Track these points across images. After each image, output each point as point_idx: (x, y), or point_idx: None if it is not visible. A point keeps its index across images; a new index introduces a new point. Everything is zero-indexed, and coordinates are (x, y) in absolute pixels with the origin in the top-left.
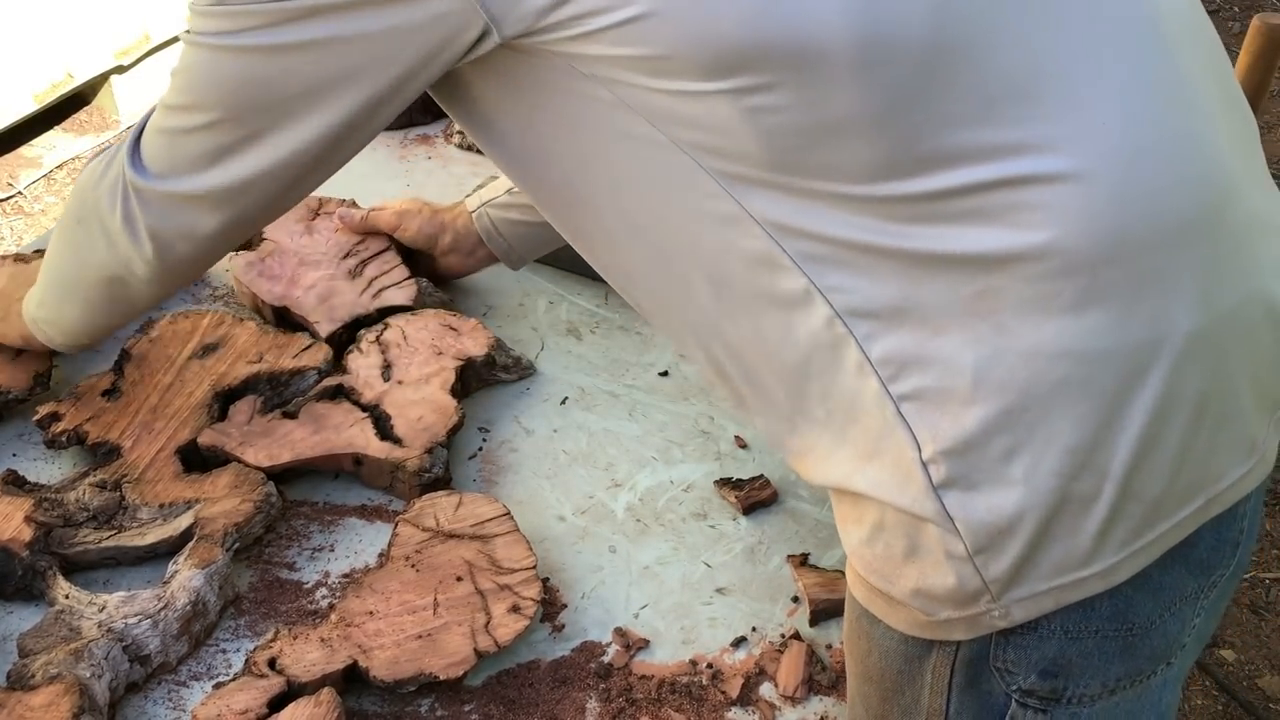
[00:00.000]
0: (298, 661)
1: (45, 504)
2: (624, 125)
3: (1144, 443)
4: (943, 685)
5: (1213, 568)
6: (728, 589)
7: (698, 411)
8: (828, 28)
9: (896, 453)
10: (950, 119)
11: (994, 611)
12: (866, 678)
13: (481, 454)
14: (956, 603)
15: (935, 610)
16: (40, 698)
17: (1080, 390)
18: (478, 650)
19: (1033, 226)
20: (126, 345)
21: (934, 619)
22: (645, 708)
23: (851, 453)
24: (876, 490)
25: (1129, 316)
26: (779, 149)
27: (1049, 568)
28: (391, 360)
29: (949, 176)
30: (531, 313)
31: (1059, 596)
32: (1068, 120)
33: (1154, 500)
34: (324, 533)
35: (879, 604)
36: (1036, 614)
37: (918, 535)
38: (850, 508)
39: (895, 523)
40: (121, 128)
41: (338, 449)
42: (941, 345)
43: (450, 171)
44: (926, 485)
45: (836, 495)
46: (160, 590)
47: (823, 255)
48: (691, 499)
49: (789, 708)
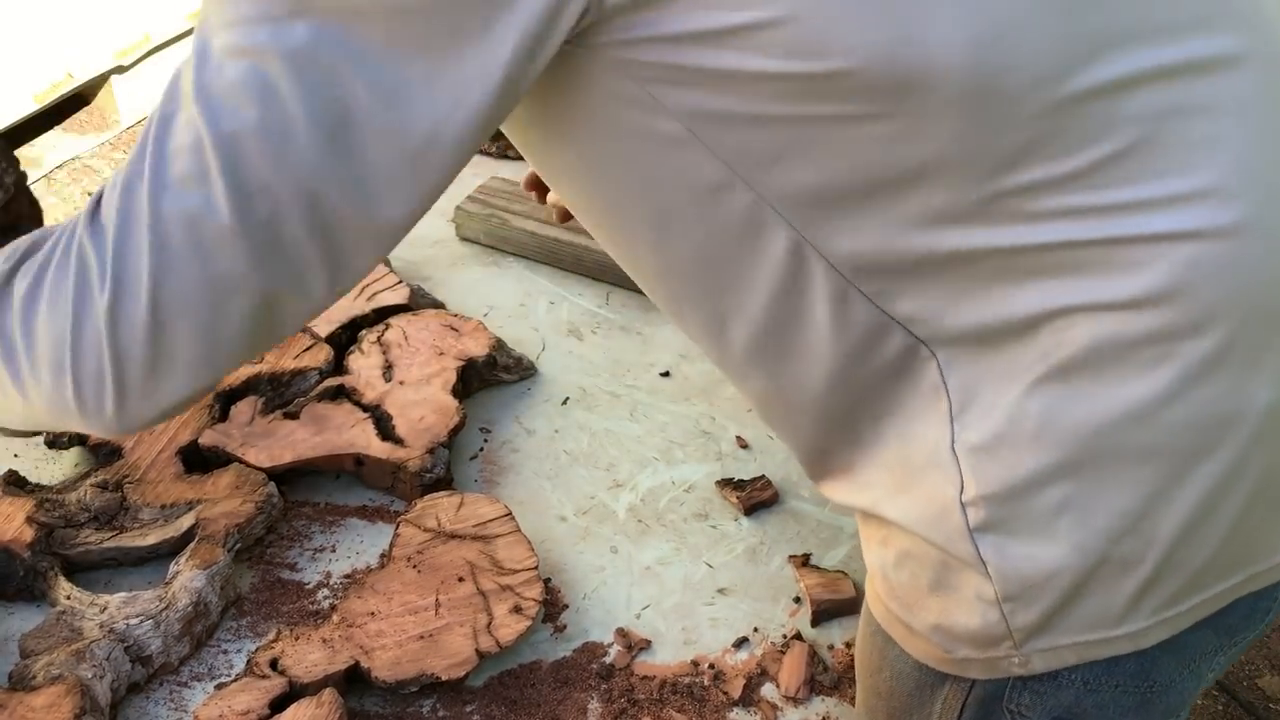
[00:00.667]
0: (299, 662)
1: (47, 505)
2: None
3: (1197, 515)
4: (954, 713)
5: (1240, 631)
6: (729, 589)
7: (699, 412)
8: (944, 61)
9: (935, 489)
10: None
11: (1014, 658)
12: (876, 692)
13: (483, 454)
14: (977, 644)
15: (954, 648)
16: (42, 698)
17: (1146, 455)
18: (479, 651)
19: (1132, 281)
20: None
21: (952, 656)
22: (647, 708)
23: (886, 479)
24: (907, 521)
25: (1213, 387)
26: (869, 179)
27: (1078, 623)
28: (393, 360)
29: (1045, 230)
30: (533, 313)
31: (1083, 652)
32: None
33: (1195, 571)
34: (325, 533)
35: (898, 629)
36: (1057, 666)
37: (946, 572)
38: (876, 529)
39: (924, 555)
40: (121, 128)
41: (339, 449)
42: (1010, 388)
43: None
44: (963, 526)
45: (863, 516)
46: (162, 591)
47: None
48: (693, 499)
49: (791, 708)
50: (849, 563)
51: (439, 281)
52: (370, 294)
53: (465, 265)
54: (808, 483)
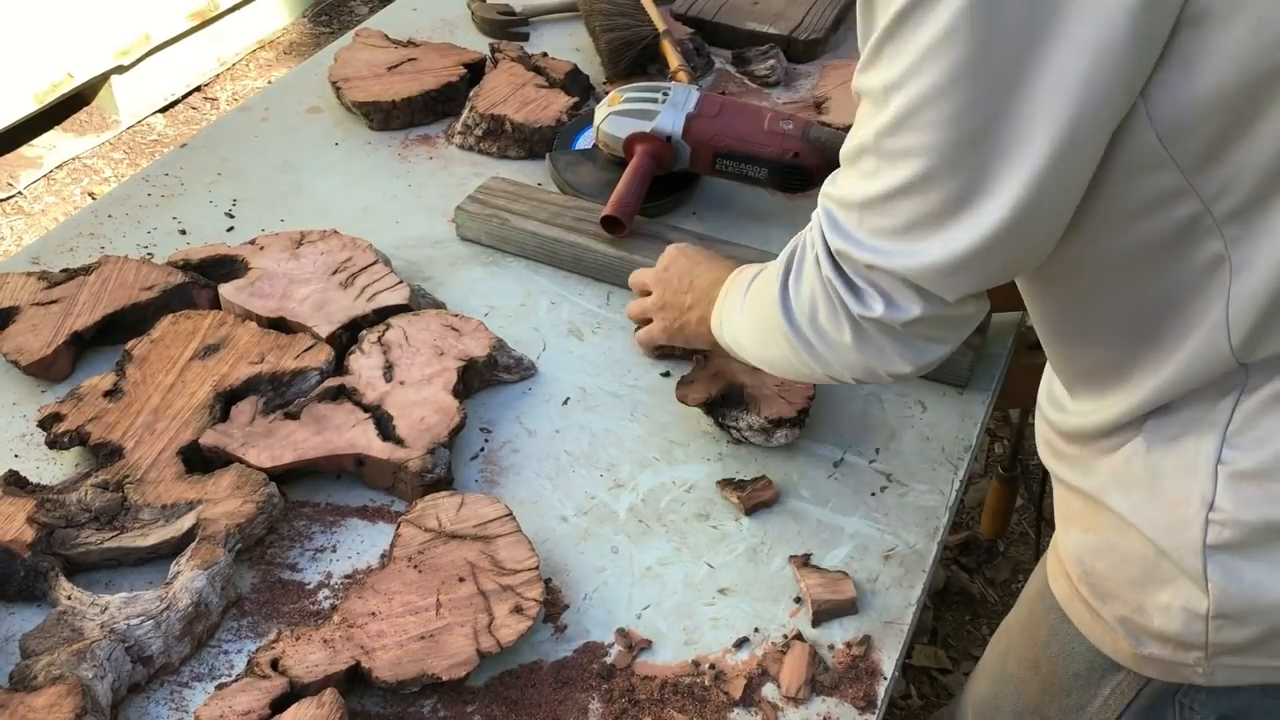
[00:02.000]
0: (300, 662)
1: (47, 505)
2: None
3: None
4: (1119, 704)
5: None
6: (730, 589)
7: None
8: None
9: (1180, 496)
10: None
11: (1200, 669)
12: (1034, 665)
13: (483, 454)
14: (1168, 647)
15: (1142, 644)
16: (43, 699)
17: None
18: (480, 651)
19: None
20: (128, 346)
21: (1137, 651)
22: (648, 708)
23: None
24: (1134, 517)
25: None
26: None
27: (1274, 650)
28: (393, 361)
29: None
30: (533, 313)
31: (1267, 675)
32: None
33: None
34: (326, 533)
35: (1079, 610)
36: (1238, 683)
37: (1160, 575)
38: (1085, 510)
39: (1138, 553)
40: (121, 128)
41: (340, 450)
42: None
43: (451, 172)
44: (1199, 540)
45: (1074, 493)
46: (162, 591)
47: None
48: (693, 499)
49: (791, 708)
50: (849, 563)
51: (439, 281)
52: (370, 294)
53: (466, 265)
54: (808, 482)
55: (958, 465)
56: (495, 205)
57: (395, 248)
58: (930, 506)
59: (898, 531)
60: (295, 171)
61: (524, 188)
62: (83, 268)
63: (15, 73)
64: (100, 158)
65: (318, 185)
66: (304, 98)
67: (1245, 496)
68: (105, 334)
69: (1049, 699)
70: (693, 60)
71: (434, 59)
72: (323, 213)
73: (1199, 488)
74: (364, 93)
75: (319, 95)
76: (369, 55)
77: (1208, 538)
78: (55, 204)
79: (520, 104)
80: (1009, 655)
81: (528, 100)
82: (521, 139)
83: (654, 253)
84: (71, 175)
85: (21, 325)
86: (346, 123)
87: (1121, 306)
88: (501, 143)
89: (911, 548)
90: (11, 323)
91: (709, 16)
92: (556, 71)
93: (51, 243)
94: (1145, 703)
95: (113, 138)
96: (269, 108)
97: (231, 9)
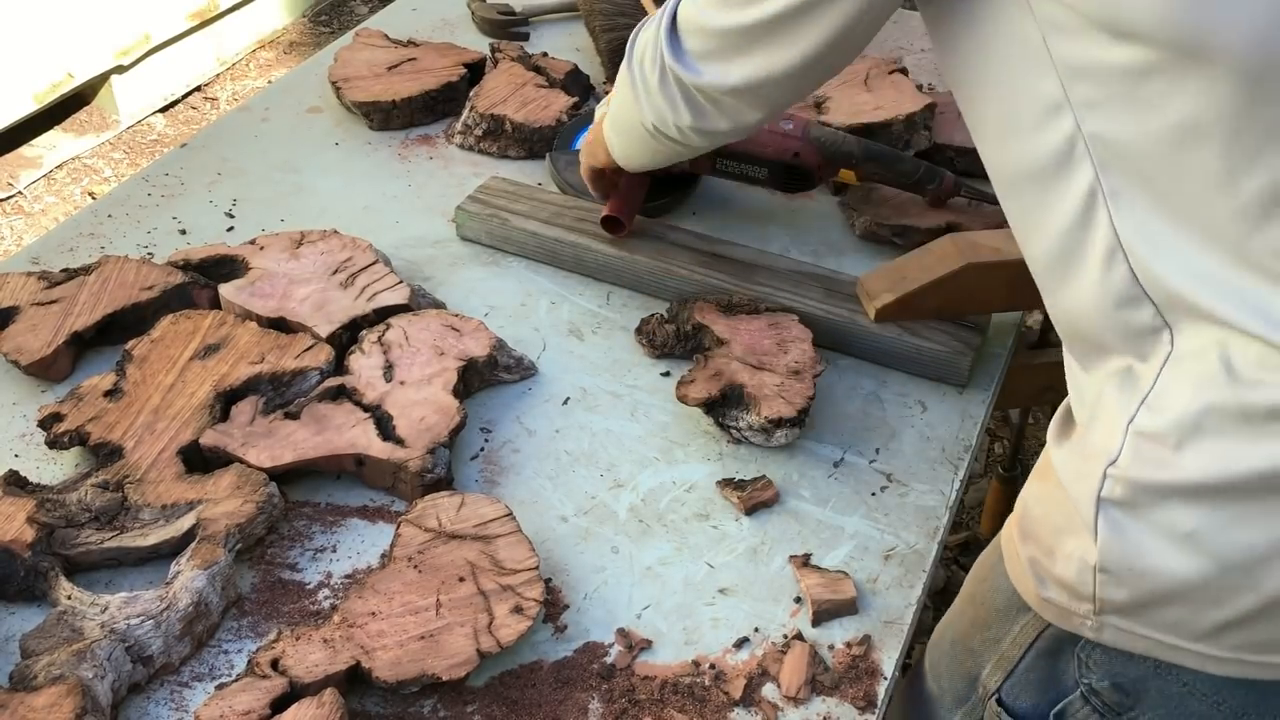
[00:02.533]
0: (300, 662)
1: (47, 505)
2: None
3: None
4: (1025, 642)
5: None
6: (730, 589)
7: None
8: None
9: (1096, 450)
10: None
11: (1089, 623)
12: (972, 598)
13: (483, 454)
14: (1065, 594)
15: (1044, 586)
16: (43, 699)
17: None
18: (480, 651)
19: None
20: (128, 346)
21: (1040, 593)
22: (648, 708)
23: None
24: (1058, 465)
25: None
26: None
27: (1159, 623)
28: (393, 361)
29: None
30: (533, 313)
31: (1153, 649)
32: None
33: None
34: (326, 533)
35: (1009, 548)
36: (1125, 648)
37: (1072, 524)
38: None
39: (1060, 502)
40: (121, 128)
41: (340, 450)
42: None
43: (452, 172)
44: (1094, 492)
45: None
46: (162, 591)
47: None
48: (694, 499)
49: (791, 708)
50: (849, 563)
51: (439, 281)
52: (370, 294)
53: (466, 265)
54: (808, 482)
55: (958, 465)
56: (495, 205)
57: (395, 248)
58: (930, 506)
59: (898, 531)
60: (295, 171)
61: (524, 188)
62: (83, 268)
63: (15, 73)
64: (100, 158)
65: (318, 185)
66: (304, 98)
67: (1141, 456)
68: (105, 334)
69: (976, 630)
70: None
71: (434, 59)
72: (323, 213)
73: (1113, 443)
74: (364, 93)
75: (319, 95)
76: (369, 55)
77: (1102, 490)
78: (55, 204)
79: (520, 104)
80: (961, 592)
81: (528, 100)
82: (521, 139)
83: (654, 253)
84: (71, 175)
85: (21, 325)
86: (346, 123)
87: (1034, 237)
88: (501, 143)
89: (911, 548)
90: (11, 323)
91: None
92: (556, 71)
93: (51, 243)
94: (1046, 646)
95: (113, 138)
96: (269, 108)
97: (231, 9)
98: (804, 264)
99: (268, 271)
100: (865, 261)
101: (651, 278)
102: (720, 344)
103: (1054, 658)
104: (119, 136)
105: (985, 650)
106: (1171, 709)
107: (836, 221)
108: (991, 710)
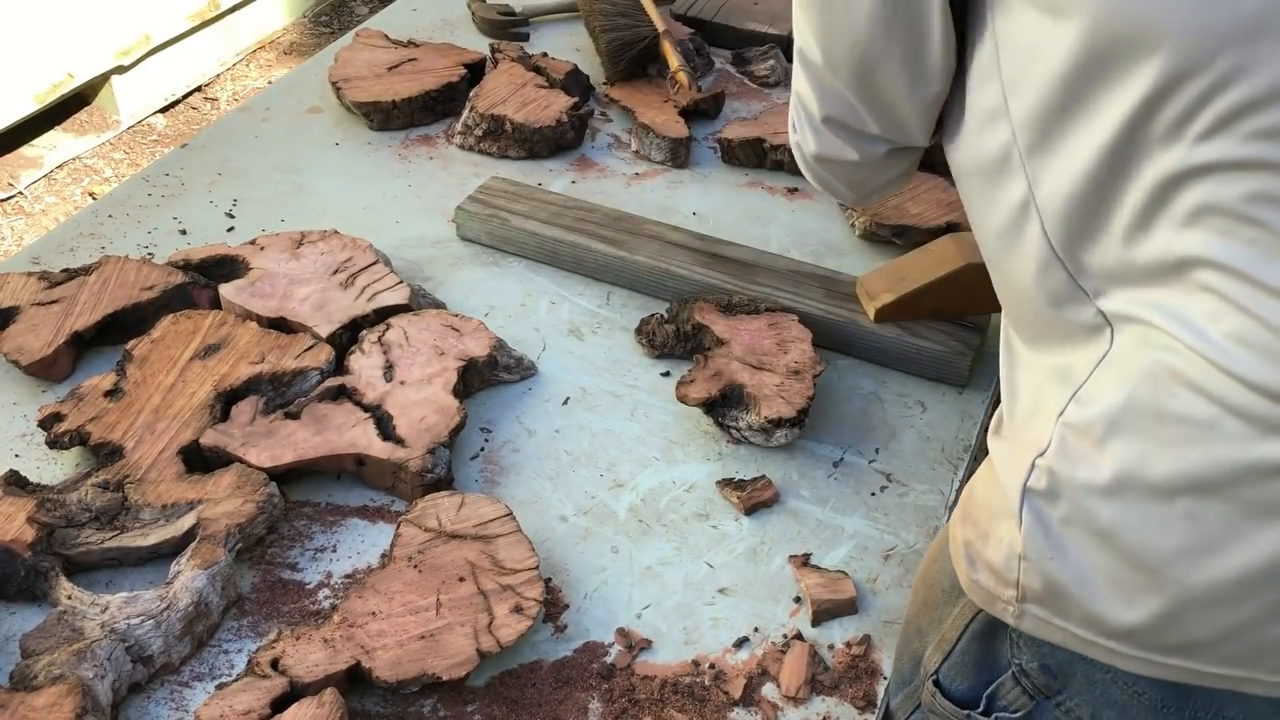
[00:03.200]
0: (300, 662)
1: (48, 505)
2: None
3: (1221, 591)
4: (962, 624)
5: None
6: (730, 589)
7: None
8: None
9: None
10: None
11: (1011, 609)
12: (924, 579)
13: (483, 454)
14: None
15: (975, 569)
16: (43, 698)
17: (1213, 508)
18: (480, 651)
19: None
20: (128, 346)
21: (970, 575)
22: (648, 708)
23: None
24: (995, 455)
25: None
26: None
27: (1075, 615)
28: (394, 361)
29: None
30: (533, 313)
31: (1068, 640)
32: None
33: (1195, 642)
34: (326, 533)
35: (954, 532)
36: (1044, 637)
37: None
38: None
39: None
40: (122, 128)
41: (340, 449)
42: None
43: (451, 172)
44: (1021, 481)
45: None
46: (163, 591)
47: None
48: (693, 499)
49: (791, 708)
50: (849, 563)
51: (440, 281)
52: (371, 294)
53: (466, 265)
54: (808, 482)
55: (957, 465)
56: (495, 205)
57: (395, 248)
58: (930, 506)
59: (897, 531)
60: (295, 171)
61: (524, 188)
62: (83, 268)
63: (15, 73)
64: (100, 158)
65: (318, 185)
66: (304, 98)
67: (1066, 448)
68: (105, 334)
69: (925, 611)
70: (693, 60)
71: (434, 59)
72: (323, 213)
73: (1044, 435)
74: (364, 93)
75: (319, 95)
76: (369, 55)
77: (1029, 480)
78: (55, 204)
79: (520, 104)
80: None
81: (528, 100)
82: (521, 139)
83: (654, 253)
84: (72, 175)
85: (22, 325)
86: (347, 123)
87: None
88: (501, 143)
89: (911, 548)
90: (12, 323)
91: (709, 17)
92: (556, 71)
93: (52, 243)
94: (981, 628)
95: (113, 138)
96: (269, 108)
97: (232, 9)
98: (804, 264)
99: (268, 272)
100: (865, 261)
101: (651, 278)
102: (720, 344)
103: (989, 640)
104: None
105: (930, 631)
106: (1096, 695)
107: (836, 221)
108: (928, 691)
